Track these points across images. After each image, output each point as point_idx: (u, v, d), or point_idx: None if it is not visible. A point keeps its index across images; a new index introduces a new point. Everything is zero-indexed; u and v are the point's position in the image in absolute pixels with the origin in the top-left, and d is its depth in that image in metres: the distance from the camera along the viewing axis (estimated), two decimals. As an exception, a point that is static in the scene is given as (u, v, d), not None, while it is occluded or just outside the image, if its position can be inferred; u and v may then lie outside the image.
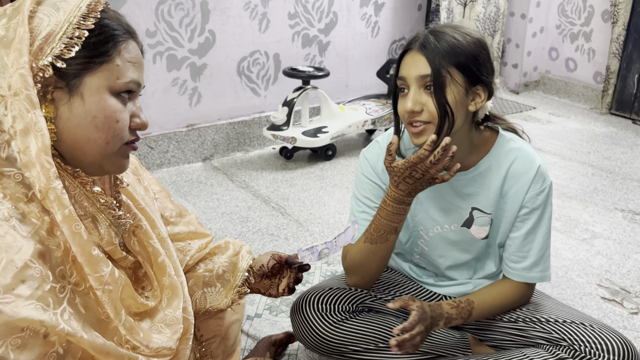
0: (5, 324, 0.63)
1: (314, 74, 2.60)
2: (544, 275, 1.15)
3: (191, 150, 2.69)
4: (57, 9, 0.73)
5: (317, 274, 1.78)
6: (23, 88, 0.69)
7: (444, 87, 1.00)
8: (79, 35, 0.72)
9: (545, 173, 1.12)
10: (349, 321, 1.19)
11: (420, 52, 1.02)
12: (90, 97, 0.74)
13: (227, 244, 1.16)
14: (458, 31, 1.04)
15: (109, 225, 0.81)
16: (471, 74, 1.02)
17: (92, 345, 0.73)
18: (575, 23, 3.70)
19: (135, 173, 1.00)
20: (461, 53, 1.01)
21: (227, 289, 1.10)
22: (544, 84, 3.98)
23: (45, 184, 0.69)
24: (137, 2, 2.35)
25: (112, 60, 0.75)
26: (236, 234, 2.04)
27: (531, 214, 1.12)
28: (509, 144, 1.13)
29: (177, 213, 1.10)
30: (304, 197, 2.35)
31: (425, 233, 1.21)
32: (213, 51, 2.64)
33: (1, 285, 0.64)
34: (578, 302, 1.68)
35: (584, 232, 2.10)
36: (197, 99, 2.67)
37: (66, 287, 0.72)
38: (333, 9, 2.98)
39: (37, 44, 0.71)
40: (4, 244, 0.65)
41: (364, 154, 1.22)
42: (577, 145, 3.00)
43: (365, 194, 1.21)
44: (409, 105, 1.02)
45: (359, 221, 1.20)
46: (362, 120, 2.79)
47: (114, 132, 0.76)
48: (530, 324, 1.16)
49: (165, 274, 0.91)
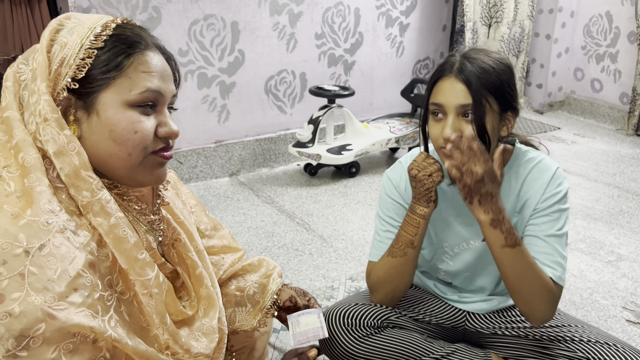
0: (59, 330, 0.67)
1: (339, 92, 2.65)
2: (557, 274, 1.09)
3: (219, 165, 2.75)
4: (72, 33, 0.76)
5: (342, 290, 1.81)
6: (50, 112, 0.73)
7: (484, 116, 1.03)
8: (89, 54, 0.75)
9: (562, 176, 1.13)
10: (374, 336, 1.21)
11: (458, 79, 1.04)
12: (105, 113, 0.76)
13: (260, 262, 1.20)
14: (491, 57, 1.06)
15: (146, 231, 0.85)
16: (505, 101, 1.05)
17: (135, 351, 0.77)
18: (601, 44, 3.70)
19: (174, 187, 1.04)
20: (498, 82, 1.03)
21: (255, 310, 1.14)
22: (569, 104, 3.97)
23: (91, 196, 0.73)
24: (171, 23, 2.45)
25: (124, 74, 0.76)
26: (262, 248, 2.08)
27: (545, 213, 1.12)
28: (526, 155, 1.16)
29: (212, 227, 1.15)
30: (328, 213, 2.39)
31: (450, 249, 1.24)
32: (242, 70, 2.71)
33: (56, 292, 0.68)
34: (603, 324, 1.67)
35: (610, 254, 2.09)
36: (226, 116, 2.75)
37: (113, 296, 0.76)
38: (359, 30, 3.05)
39: (54, 69, 0.75)
40: (59, 254, 0.70)
41: (387, 175, 1.26)
42: (602, 166, 2.99)
43: (389, 213, 1.24)
44: (448, 133, 1.04)
45: (384, 240, 1.23)
46: (386, 139, 2.83)
47: (133, 143, 0.78)
48: (555, 343, 1.17)
49: (202, 285, 0.95)
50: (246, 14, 2.63)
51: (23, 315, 0.65)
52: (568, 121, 3.79)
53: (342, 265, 1.97)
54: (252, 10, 2.64)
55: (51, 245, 0.69)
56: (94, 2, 2.27)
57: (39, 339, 0.66)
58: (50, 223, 0.70)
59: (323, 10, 2.87)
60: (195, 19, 2.51)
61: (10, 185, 0.72)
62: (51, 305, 0.67)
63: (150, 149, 0.80)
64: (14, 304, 0.65)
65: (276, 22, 2.74)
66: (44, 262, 0.68)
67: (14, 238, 0.67)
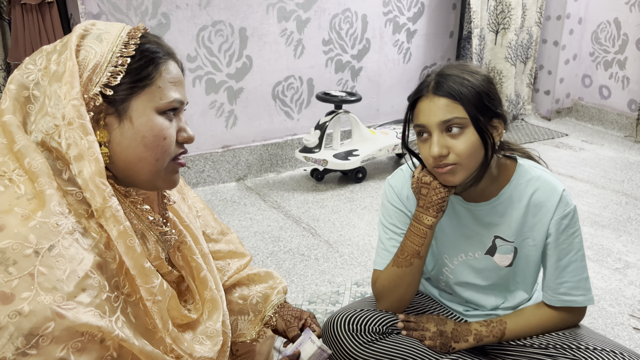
0: (68, 329, 0.68)
1: (346, 98, 2.66)
2: (586, 299, 1.16)
3: (226, 170, 2.77)
4: (101, 40, 0.79)
5: (347, 295, 1.82)
6: (76, 117, 0.74)
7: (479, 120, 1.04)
8: (122, 62, 0.78)
9: (568, 198, 1.13)
10: (379, 342, 1.22)
11: (437, 95, 1.04)
12: (139, 119, 0.79)
13: (267, 275, 1.20)
14: (465, 70, 1.06)
15: (156, 241, 0.86)
16: (486, 109, 1.05)
17: (141, 351, 0.78)
18: (609, 51, 3.69)
19: (180, 192, 1.06)
20: (474, 92, 1.04)
21: (257, 319, 1.15)
22: (577, 111, 3.95)
23: (102, 203, 0.75)
24: (180, 29, 2.47)
25: (155, 83, 0.80)
26: (268, 253, 2.09)
27: (558, 240, 1.14)
28: (529, 172, 1.15)
29: (218, 231, 1.16)
30: (334, 218, 2.40)
31: (449, 261, 1.24)
32: (249, 76, 2.73)
33: (65, 292, 0.69)
34: (610, 332, 1.66)
35: (617, 261, 2.08)
36: (233, 121, 2.77)
37: (119, 297, 0.77)
38: (366, 36, 3.06)
39: (86, 76, 0.76)
40: (68, 255, 0.71)
41: (389, 182, 1.26)
42: (610, 173, 2.97)
43: (392, 220, 1.24)
44: (436, 151, 1.04)
45: (388, 248, 1.23)
46: (393, 144, 2.83)
47: (162, 149, 0.81)
48: (560, 351, 1.17)
49: (206, 288, 0.96)
50: (254, 20, 2.65)
51: (32, 314, 0.66)
52: (576, 128, 3.78)
53: (348, 271, 1.98)
54: (260, 16, 2.67)
55: (60, 246, 0.70)
56: (104, 8, 2.30)
57: (48, 338, 0.67)
58: (59, 225, 0.72)
59: (330, 17, 2.89)
60: (204, 25, 2.53)
61: (21, 188, 0.73)
62: (60, 304, 0.68)
63: (172, 155, 0.84)
64: (23, 303, 0.66)
65: (284, 28, 2.76)
66: (53, 263, 0.69)
67: (24, 239, 0.69)
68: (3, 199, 0.72)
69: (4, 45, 2.39)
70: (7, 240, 0.68)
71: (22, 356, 0.66)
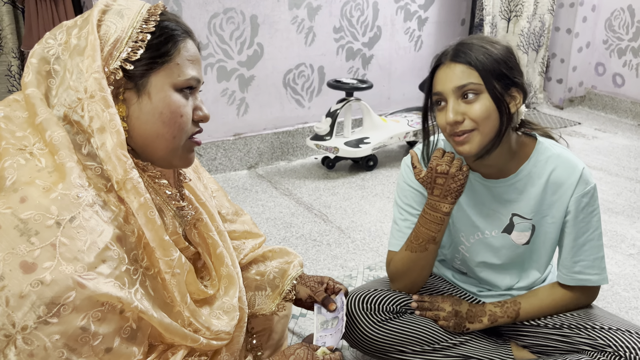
0: (89, 298, 0.70)
1: (357, 86, 2.66)
2: (600, 278, 1.16)
3: (237, 158, 2.78)
4: (122, 16, 0.79)
5: (360, 279, 1.82)
6: (98, 90, 0.75)
7: (494, 87, 1.04)
8: (142, 38, 0.78)
9: (588, 176, 1.13)
10: (393, 321, 1.22)
11: (455, 62, 1.05)
12: (157, 95, 0.79)
13: (282, 250, 1.21)
14: (484, 40, 1.07)
15: (173, 216, 0.87)
16: (504, 77, 1.05)
17: (160, 323, 0.79)
18: (622, 38, 3.65)
19: (195, 171, 1.07)
20: (493, 60, 1.04)
21: (275, 294, 1.16)
22: (590, 100, 3.92)
23: (123, 175, 0.76)
24: (192, 16, 2.48)
25: (173, 59, 0.80)
26: (280, 238, 2.10)
27: (577, 219, 1.14)
28: (548, 150, 1.15)
29: (233, 212, 1.17)
30: (346, 205, 2.40)
31: (466, 239, 1.24)
32: (261, 63, 2.73)
33: (85, 263, 0.70)
34: (624, 315, 1.66)
35: (631, 247, 2.06)
36: (245, 109, 2.77)
37: (138, 270, 0.78)
38: (377, 24, 3.05)
39: (107, 50, 0.77)
40: (88, 226, 0.72)
41: (406, 162, 1.26)
42: (624, 161, 2.95)
43: (407, 201, 1.24)
44: (451, 117, 1.04)
45: (402, 229, 1.23)
46: (404, 132, 2.82)
47: (179, 126, 0.82)
48: (575, 330, 1.17)
49: (223, 264, 0.97)
50: (265, 7, 2.65)
51: (54, 283, 0.67)
52: (589, 116, 3.75)
53: (360, 256, 1.98)
54: (272, 3, 2.66)
55: (81, 217, 0.71)
56: (116, -5, 2.31)
57: (69, 307, 0.68)
58: (80, 197, 0.72)
59: (342, 4, 2.88)
60: (215, 12, 2.53)
61: (42, 162, 0.74)
62: (81, 274, 0.69)
63: (189, 133, 0.84)
64: (45, 272, 0.67)
65: (295, 15, 2.75)
66: (74, 234, 0.70)
67: (46, 210, 0.70)
68: (24, 171, 0.73)
69: (18, 33, 2.41)
70: (30, 211, 0.69)
71: (44, 324, 0.67)
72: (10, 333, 0.67)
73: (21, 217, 0.69)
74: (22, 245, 0.68)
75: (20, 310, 0.67)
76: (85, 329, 0.70)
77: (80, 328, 0.70)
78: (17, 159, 0.74)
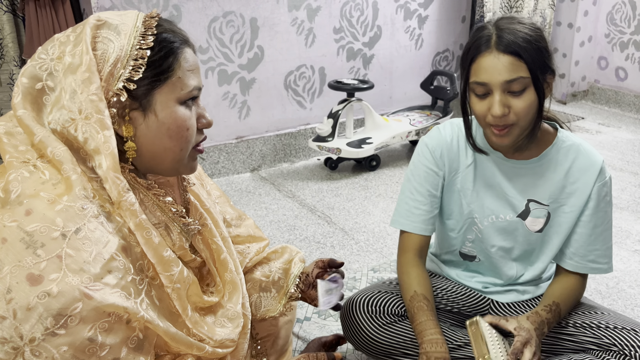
0: (95, 309, 0.70)
1: (359, 86, 2.66)
2: (609, 267, 1.19)
3: (240, 161, 2.78)
4: (118, 32, 0.77)
5: (364, 281, 1.82)
6: (94, 112, 0.74)
7: (542, 85, 1.02)
8: (142, 55, 0.77)
9: (606, 168, 1.15)
10: (398, 324, 1.22)
11: (501, 52, 1.00)
12: (162, 112, 0.79)
13: (283, 250, 1.23)
14: (524, 25, 1.03)
15: (180, 231, 0.88)
16: (545, 66, 1.03)
17: (166, 333, 0.80)
18: (624, 32, 3.63)
19: (199, 178, 1.07)
20: (537, 49, 1.01)
21: (280, 295, 1.17)
22: (593, 94, 3.90)
23: (117, 197, 0.76)
24: (191, 20, 2.48)
25: (175, 74, 0.80)
26: (284, 241, 2.10)
27: (598, 207, 1.14)
28: (570, 139, 1.15)
29: (236, 217, 1.17)
30: (349, 206, 2.40)
31: (479, 222, 1.22)
32: (262, 66, 2.74)
33: (91, 274, 0.70)
34: (629, 313, 1.65)
35: (636, 243, 2.05)
36: (246, 112, 2.77)
37: (144, 280, 0.79)
38: (377, 23, 3.04)
39: (106, 70, 0.76)
40: (94, 237, 0.72)
41: (424, 140, 1.22)
42: (628, 155, 2.93)
43: (420, 180, 1.21)
44: (499, 111, 1.02)
45: (411, 209, 1.21)
46: (406, 131, 2.82)
47: (185, 139, 0.83)
48: (580, 329, 1.16)
49: (227, 270, 0.97)
50: (265, 10, 2.65)
51: (61, 295, 0.68)
52: (592, 111, 3.73)
53: (364, 257, 1.98)
54: (271, 6, 2.66)
55: (86, 229, 0.72)
56: (115, 2, 2.32)
57: (76, 318, 0.69)
58: (85, 208, 0.73)
59: (341, 5, 2.87)
60: (215, 16, 2.54)
61: (46, 174, 0.74)
62: (87, 285, 0.69)
63: (194, 143, 0.85)
64: (52, 284, 0.68)
65: (294, 17, 2.75)
66: (80, 245, 0.71)
67: (52, 222, 0.70)
68: (29, 184, 0.73)
69: (19, 42, 2.42)
70: (35, 223, 0.69)
71: (51, 336, 0.68)
72: (18, 345, 0.67)
73: (27, 230, 0.69)
74: (28, 257, 0.68)
75: (28, 322, 0.67)
76: (93, 340, 0.70)
77: (88, 339, 0.70)
78: (21, 171, 0.74)
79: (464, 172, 1.20)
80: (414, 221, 1.22)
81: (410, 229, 1.22)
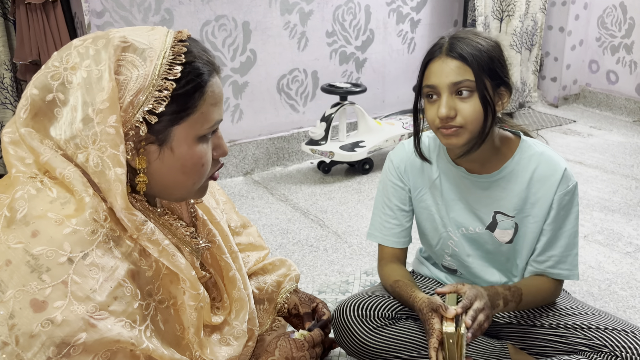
0: (99, 340, 0.68)
1: (351, 90, 2.66)
2: (573, 273, 1.18)
3: (233, 165, 2.78)
4: (144, 58, 0.72)
5: (357, 284, 1.82)
6: (109, 147, 0.70)
7: (485, 88, 1.04)
8: (167, 87, 0.72)
9: (570, 175, 1.14)
10: (388, 327, 1.22)
11: (450, 57, 1.05)
12: (179, 148, 0.76)
13: (281, 263, 1.22)
14: (478, 36, 1.08)
15: (190, 252, 0.86)
16: (496, 76, 1.06)
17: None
18: (615, 35, 3.66)
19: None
20: (487, 58, 1.05)
21: (271, 308, 1.16)
22: (584, 97, 3.92)
23: (136, 232, 0.74)
24: (183, 25, 2.48)
25: (198, 110, 0.75)
26: (277, 245, 2.10)
27: (558, 215, 1.14)
28: (532, 148, 1.16)
29: (240, 224, 1.17)
30: (342, 210, 2.40)
31: (453, 234, 1.24)
32: (254, 70, 2.73)
33: (97, 302, 0.68)
34: (621, 315, 1.65)
35: (628, 245, 2.06)
36: (239, 116, 2.77)
37: (151, 305, 0.77)
38: (370, 27, 3.05)
39: (127, 100, 0.71)
40: (101, 263, 0.70)
41: (389, 156, 1.28)
42: (619, 158, 2.95)
43: (387, 195, 1.26)
44: (444, 112, 1.05)
45: (383, 223, 1.26)
46: (399, 135, 2.82)
47: (199, 174, 0.80)
48: (571, 331, 1.17)
49: (235, 287, 0.96)
50: (257, 13, 2.65)
51: (65, 324, 0.66)
52: (584, 114, 3.75)
53: (357, 261, 1.98)
54: (263, 10, 2.66)
55: (94, 255, 0.70)
56: (107, 6, 2.31)
57: (79, 348, 0.67)
58: (94, 232, 0.70)
59: (333, 9, 2.88)
60: (207, 20, 2.53)
61: (53, 192, 0.71)
62: (92, 314, 0.67)
63: (208, 176, 0.82)
64: (56, 312, 0.66)
65: (287, 21, 2.76)
66: (87, 272, 0.68)
67: (59, 246, 0.68)
68: (36, 203, 0.70)
69: (10, 45, 2.40)
70: (42, 246, 0.67)
71: None
72: None
73: (32, 253, 0.67)
74: (33, 282, 0.66)
75: (30, 350, 0.65)
76: None
77: None
78: (27, 188, 0.71)
79: (431, 187, 1.22)
80: (386, 235, 1.27)
81: (383, 242, 1.28)
